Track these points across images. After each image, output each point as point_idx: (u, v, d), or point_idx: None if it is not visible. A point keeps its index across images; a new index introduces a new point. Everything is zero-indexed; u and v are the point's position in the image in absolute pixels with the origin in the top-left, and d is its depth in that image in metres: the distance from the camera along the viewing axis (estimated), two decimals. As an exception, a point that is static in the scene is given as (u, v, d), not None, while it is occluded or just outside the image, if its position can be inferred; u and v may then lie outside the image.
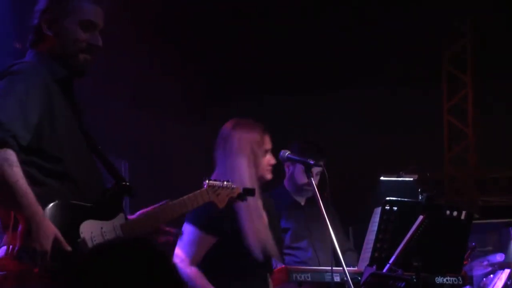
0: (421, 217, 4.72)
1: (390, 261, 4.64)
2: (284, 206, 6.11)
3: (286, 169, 6.21)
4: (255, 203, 4.75)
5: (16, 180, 3.25)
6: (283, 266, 5.45)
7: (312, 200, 6.02)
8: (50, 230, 3.28)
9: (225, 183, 4.09)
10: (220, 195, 4.04)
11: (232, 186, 4.13)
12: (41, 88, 3.44)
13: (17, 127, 3.33)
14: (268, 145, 4.89)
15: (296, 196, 6.20)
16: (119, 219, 3.56)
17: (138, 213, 3.81)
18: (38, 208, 3.29)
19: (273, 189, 6.21)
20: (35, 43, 3.65)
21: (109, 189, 3.63)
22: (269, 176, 4.89)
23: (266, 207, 4.95)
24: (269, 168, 4.88)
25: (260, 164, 4.80)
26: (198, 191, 3.94)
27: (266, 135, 4.89)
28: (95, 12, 3.65)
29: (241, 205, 4.59)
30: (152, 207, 3.81)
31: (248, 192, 4.30)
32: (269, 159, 4.88)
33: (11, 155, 3.28)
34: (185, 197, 3.86)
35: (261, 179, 4.87)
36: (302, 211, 6.17)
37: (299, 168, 5.90)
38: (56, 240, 3.29)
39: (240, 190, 4.20)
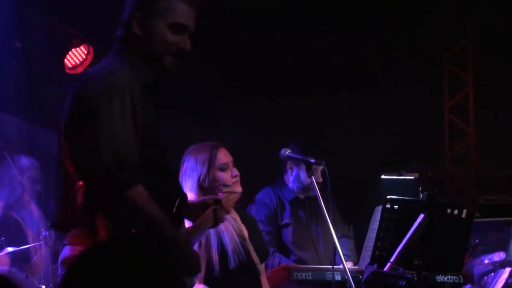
0: (421, 215, 4.72)
1: (391, 260, 4.64)
2: (287, 202, 6.16)
3: (289, 170, 6.24)
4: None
5: (155, 212, 3.27)
6: (284, 265, 5.46)
7: (312, 197, 6.08)
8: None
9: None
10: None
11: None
12: (134, 101, 3.33)
13: (134, 160, 3.27)
14: (223, 159, 4.85)
15: (298, 193, 6.24)
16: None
17: None
18: (177, 230, 3.40)
19: (272, 183, 6.28)
20: (124, 41, 3.53)
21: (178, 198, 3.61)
22: (236, 189, 4.88)
23: (246, 222, 4.98)
24: (233, 180, 4.86)
25: (217, 181, 4.81)
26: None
27: (219, 150, 4.86)
28: (187, 14, 3.55)
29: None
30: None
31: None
32: (229, 172, 4.86)
33: (141, 188, 3.25)
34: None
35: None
36: (303, 207, 6.23)
37: (304, 168, 5.91)
38: None
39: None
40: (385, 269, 4.67)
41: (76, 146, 3.32)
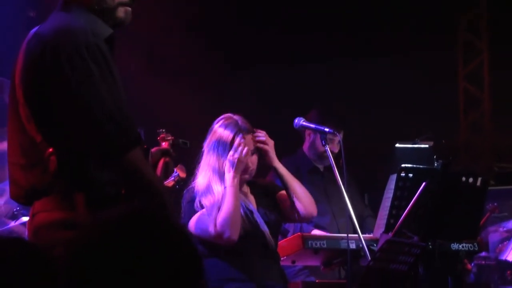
0: (424, 183, 4.69)
1: (397, 225, 4.63)
2: (304, 171, 6.20)
3: (307, 137, 6.31)
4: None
5: (152, 174, 3.22)
6: (298, 233, 5.46)
7: (330, 168, 6.11)
8: None
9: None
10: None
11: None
12: (106, 55, 3.15)
13: (131, 119, 3.13)
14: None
15: (316, 163, 6.30)
16: None
17: None
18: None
19: (292, 154, 6.32)
20: None
21: None
22: (247, 176, 4.85)
23: (260, 189, 4.98)
24: (246, 169, 4.81)
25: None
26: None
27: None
28: None
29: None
30: None
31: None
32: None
33: (139, 150, 3.14)
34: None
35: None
36: (321, 177, 6.28)
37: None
38: None
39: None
40: (390, 235, 4.66)
41: (51, 112, 3.11)
